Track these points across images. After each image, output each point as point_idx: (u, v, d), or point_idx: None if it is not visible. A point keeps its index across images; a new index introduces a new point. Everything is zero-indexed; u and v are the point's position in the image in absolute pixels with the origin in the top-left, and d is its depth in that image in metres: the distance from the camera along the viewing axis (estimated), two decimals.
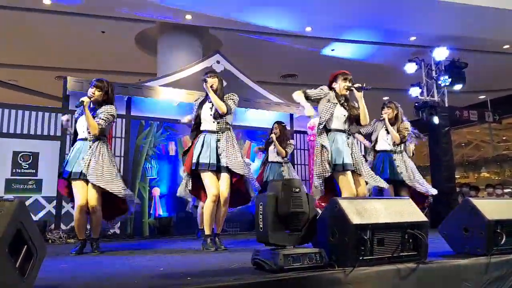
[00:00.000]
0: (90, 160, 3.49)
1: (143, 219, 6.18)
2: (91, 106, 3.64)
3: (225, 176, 3.59)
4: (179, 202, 6.48)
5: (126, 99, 6.26)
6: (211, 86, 3.65)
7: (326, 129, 3.65)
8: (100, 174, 3.47)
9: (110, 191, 3.49)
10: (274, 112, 7.16)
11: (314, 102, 3.73)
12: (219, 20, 7.88)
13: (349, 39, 8.76)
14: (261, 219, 2.14)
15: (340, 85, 3.67)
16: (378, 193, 4.19)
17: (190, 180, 3.72)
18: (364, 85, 3.59)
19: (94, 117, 3.56)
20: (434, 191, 4.73)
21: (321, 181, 3.58)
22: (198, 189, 3.76)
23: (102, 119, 3.56)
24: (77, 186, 3.48)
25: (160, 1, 7.01)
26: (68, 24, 8.06)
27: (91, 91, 3.63)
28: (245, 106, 6.76)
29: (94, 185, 3.45)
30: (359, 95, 3.59)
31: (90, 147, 3.54)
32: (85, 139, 3.60)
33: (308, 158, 7.61)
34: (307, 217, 2.19)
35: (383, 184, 3.82)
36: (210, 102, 3.70)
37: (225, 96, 3.73)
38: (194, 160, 3.59)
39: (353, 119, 3.70)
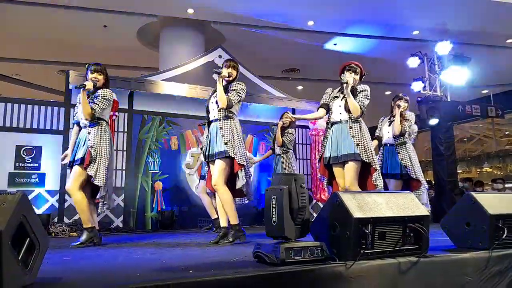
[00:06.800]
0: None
1: (145, 213, 6.21)
2: (91, 90, 3.59)
3: (216, 163, 3.54)
4: (181, 196, 6.53)
5: (128, 93, 6.27)
6: (228, 76, 3.62)
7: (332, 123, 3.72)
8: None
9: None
10: (276, 106, 7.16)
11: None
12: (221, 14, 7.85)
13: (352, 33, 8.72)
14: (274, 213, 2.12)
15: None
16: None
17: None
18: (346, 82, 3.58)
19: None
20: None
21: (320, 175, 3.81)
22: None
23: (96, 103, 3.49)
24: None
25: None
26: (70, 18, 8.04)
27: (93, 76, 3.56)
28: (247, 100, 6.74)
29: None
30: (345, 88, 3.57)
31: (89, 133, 3.50)
32: (84, 127, 3.57)
33: (310, 153, 7.62)
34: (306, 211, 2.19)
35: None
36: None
37: (230, 85, 3.65)
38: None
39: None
